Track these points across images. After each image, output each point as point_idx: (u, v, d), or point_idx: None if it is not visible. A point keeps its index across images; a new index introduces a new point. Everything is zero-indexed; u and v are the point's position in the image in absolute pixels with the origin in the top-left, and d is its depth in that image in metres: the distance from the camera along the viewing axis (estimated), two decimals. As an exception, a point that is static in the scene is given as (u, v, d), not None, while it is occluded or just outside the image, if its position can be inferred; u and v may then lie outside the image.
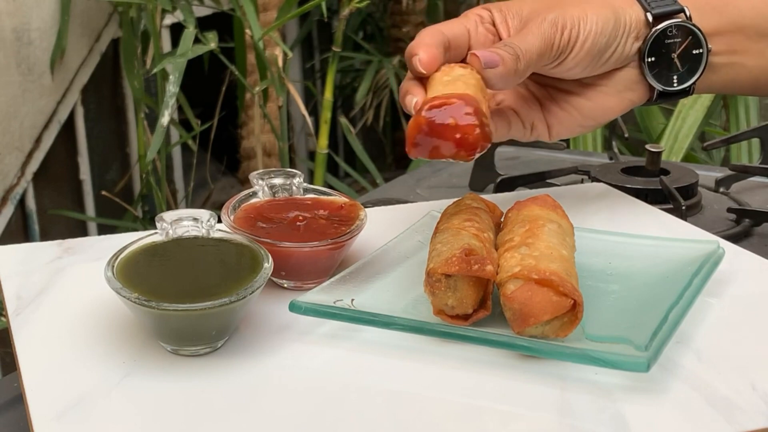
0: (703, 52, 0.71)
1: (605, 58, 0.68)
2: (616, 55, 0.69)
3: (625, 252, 0.63)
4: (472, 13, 0.68)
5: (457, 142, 0.57)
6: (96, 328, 0.56)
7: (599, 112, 0.71)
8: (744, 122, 1.85)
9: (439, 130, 0.57)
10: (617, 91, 0.71)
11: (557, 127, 0.72)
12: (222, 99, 2.16)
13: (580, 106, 0.71)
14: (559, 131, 0.72)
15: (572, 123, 0.72)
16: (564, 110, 0.71)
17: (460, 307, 0.53)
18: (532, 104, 0.72)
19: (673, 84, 0.71)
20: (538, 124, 0.72)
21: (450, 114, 0.57)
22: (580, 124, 0.72)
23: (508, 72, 0.63)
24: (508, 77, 0.64)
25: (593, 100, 0.71)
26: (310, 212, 0.64)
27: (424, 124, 0.57)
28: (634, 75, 0.71)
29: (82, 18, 1.99)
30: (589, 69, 0.69)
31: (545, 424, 0.47)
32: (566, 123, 0.72)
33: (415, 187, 1.01)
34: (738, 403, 0.48)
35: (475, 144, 0.57)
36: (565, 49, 0.66)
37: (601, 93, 0.71)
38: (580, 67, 0.68)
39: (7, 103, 1.82)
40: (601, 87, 0.71)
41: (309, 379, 0.51)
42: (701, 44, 0.70)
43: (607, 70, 0.70)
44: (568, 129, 0.72)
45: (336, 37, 1.90)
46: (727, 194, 0.93)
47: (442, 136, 0.57)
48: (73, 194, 2.11)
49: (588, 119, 0.71)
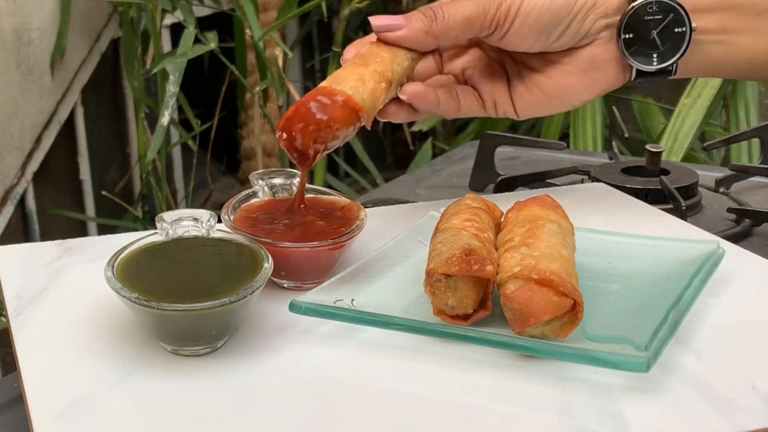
0: (686, 30, 0.69)
1: (556, 33, 0.68)
2: (571, 32, 0.68)
3: (625, 252, 0.63)
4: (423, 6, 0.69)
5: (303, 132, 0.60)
6: (96, 328, 0.56)
7: (561, 91, 0.70)
8: (744, 122, 1.85)
9: (288, 141, 0.60)
10: (580, 70, 0.70)
11: (521, 104, 0.72)
12: (222, 99, 2.16)
13: (541, 84, 0.71)
14: (525, 109, 0.72)
15: (534, 101, 0.71)
16: (527, 88, 0.71)
17: (460, 307, 0.53)
18: (497, 80, 0.72)
19: (652, 62, 0.70)
20: (500, 101, 0.71)
21: (289, 125, 0.60)
22: (544, 102, 0.71)
23: (415, 33, 0.65)
24: (417, 39, 0.66)
25: (554, 78, 0.70)
26: (310, 212, 0.64)
27: (281, 143, 0.61)
28: (599, 53, 0.69)
29: (82, 18, 1.99)
30: (540, 44, 0.68)
31: (545, 424, 0.47)
32: (529, 101, 0.71)
33: (415, 187, 1.01)
34: (738, 403, 0.48)
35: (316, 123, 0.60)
36: (502, 23, 0.66)
37: (563, 72, 0.70)
38: (527, 42, 0.68)
39: (7, 103, 1.82)
40: (563, 65, 0.70)
41: (309, 379, 0.51)
42: (684, 22, 0.69)
43: (564, 46, 0.69)
44: (533, 107, 0.72)
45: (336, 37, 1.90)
46: (727, 194, 0.93)
47: (296, 140, 0.60)
48: (73, 194, 2.11)
49: (552, 98, 0.71)
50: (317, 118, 0.60)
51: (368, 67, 0.64)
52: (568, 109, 0.72)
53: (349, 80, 0.62)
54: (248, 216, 0.63)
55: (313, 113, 0.60)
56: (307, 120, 0.60)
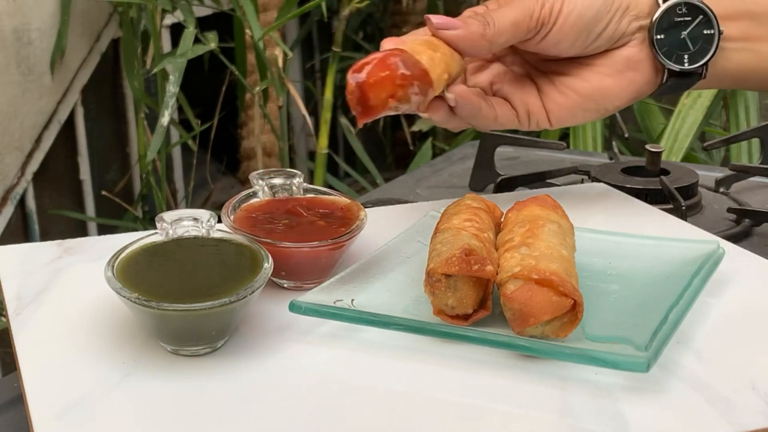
0: (715, 33, 0.70)
1: (596, 33, 0.68)
2: (609, 32, 0.68)
3: (625, 252, 0.63)
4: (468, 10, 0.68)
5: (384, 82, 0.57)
6: (96, 328, 0.56)
7: (598, 94, 0.70)
8: (744, 122, 1.85)
9: (365, 87, 0.57)
10: (616, 70, 0.70)
11: (556, 111, 0.71)
12: (222, 99, 2.16)
13: (577, 87, 0.70)
14: (559, 116, 0.71)
15: (571, 106, 0.71)
16: (561, 93, 0.71)
17: (460, 307, 0.53)
18: (528, 88, 0.71)
19: (683, 63, 0.70)
20: (534, 110, 0.71)
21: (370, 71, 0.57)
22: (580, 107, 0.71)
23: (470, 35, 0.64)
24: (473, 41, 0.65)
25: (590, 80, 0.70)
26: (310, 212, 0.64)
27: (351, 87, 0.58)
28: (634, 54, 0.70)
29: (82, 18, 1.99)
30: (579, 44, 0.68)
31: (545, 424, 0.47)
32: (566, 106, 0.71)
33: (415, 187, 1.01)
34: (738, 403, 0.48)
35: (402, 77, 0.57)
36: (546, 22, 0.66)
37: (599, 73, 0.70)
38: (567, 42, 0.68)
39: (7, 103, 1.82)
40: (598, 67, 0.70)
41: (309, 379, 0.51)
42: (712, 24, 0.70)
43: (600, 48, 0.69)
44: (568, 113, 0.71)
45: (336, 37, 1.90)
46: (727, 194, 0.93)
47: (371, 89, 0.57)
48: (73, 194, 2.11)
49: (588, 101, 0.70)
50: (402, 72, 0.57)
51: (437, 52, 0.62)
52: (602, 115, 0.72)
53: (423, 55, 0.60)
54: (248, 216, 0.63)
55: (399, 66, 0.58)
56: (393, 71, 0.57)
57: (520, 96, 0.71)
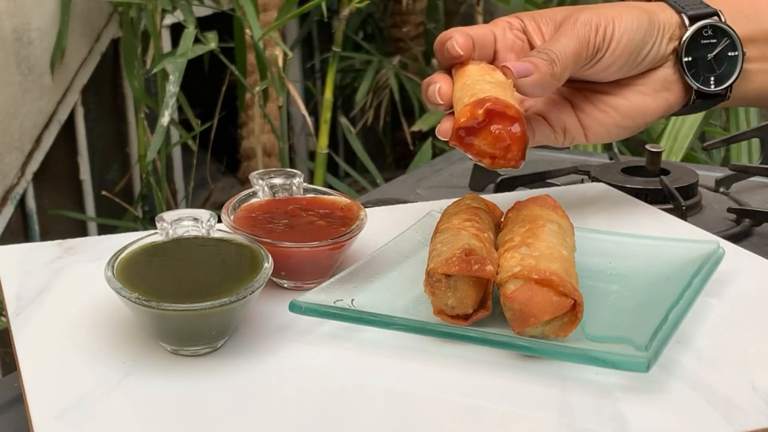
0: (739, 55, 0.71)
1: (642, 55, 0.68)
2: (653, 54, 0.69)
3: (625, 252, 0.63)
4: (501, 20, 0.68)
5: (502, 148, 0.58)
6: (96, 328, 0.56)
7: (637, 112, 0.71)
8: (744, 122, 1.85)
9: (488, 129, 0.58)
10: (654, 90, 0.70)
11: (595, 128, 0.71)
12: (222, 99, 2.16)
13: (617, 105, 0.70)
14: (597, 132, 0.71)
15: (610, 123, 0.71)
16: (600, 110, 0.71)
17: (460, 307, 0.53)
18: (563, 107, 0.71)
19: (710, 85, 0.71)
20: (570, 127, 0.71)
21: (503, 122, 0.58)
22: (618, 124, 0.71)
23: (543, 78, 0.64)
24: (544, 83, 0.64)
25: (630, 99, 0.70)
26: (310, 212, 0.64)
27: (479, 114, 0.58)
28: (669, 74, 0.70)
29: (82, 18, 1.99)
30: (626, 68, 0.69)
31: (545, 424, 0.47)
32: (604, 123, 0.71)
33: (415, 187, 1.01)
34: (738, 403, 0.48)
35: (513, 159, 0.58)
36: (602, 47, 0.66)
37: (638, 93, 0.70)
38: (617, 66, 0.68)
39: (7, 103, 1.82)
40: (638, 86, 0.70)
41: (309, 379, 0.51)
42: (736, 46, 0.71)
43: (643, 69, 0.70)
44: (606, 129, 0.71)
45: (336, 37, 1.90)
46: (727, 194, 0.93)
47: (491, 135, 0.58)
48: (73, 194, 2.11)
49: (626, 119, 0.71)
50: (513, 131, 0.58)
51: (506, 91, 0.62)
52: (634, 132, 0.72)
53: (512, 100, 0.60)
54: (248, 216, 0.63)
55: (511, 124, 0.58)
56: (504, 125, 0.58)
57: (556, 114, 0.71)
